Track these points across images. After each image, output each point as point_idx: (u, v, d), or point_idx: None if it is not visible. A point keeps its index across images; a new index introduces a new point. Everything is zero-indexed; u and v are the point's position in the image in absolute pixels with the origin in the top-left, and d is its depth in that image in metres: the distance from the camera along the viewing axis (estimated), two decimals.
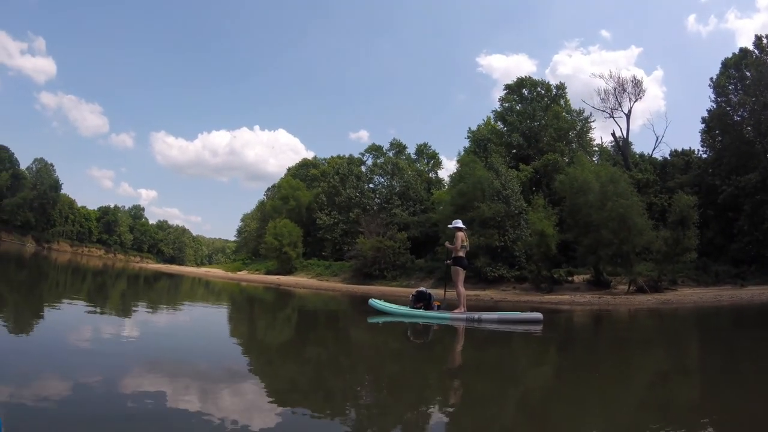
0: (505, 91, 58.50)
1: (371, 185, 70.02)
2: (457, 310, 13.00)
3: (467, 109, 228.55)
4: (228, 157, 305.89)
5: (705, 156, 47.38)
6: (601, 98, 55.93)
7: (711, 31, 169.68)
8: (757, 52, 42.49)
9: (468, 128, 59.30)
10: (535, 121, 54.40)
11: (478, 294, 31.82)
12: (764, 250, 35.55)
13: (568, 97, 58.26)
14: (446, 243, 14.58)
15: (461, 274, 13.67)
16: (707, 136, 46.24)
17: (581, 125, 54.95)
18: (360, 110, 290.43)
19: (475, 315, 12.70)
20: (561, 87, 58.04)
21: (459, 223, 14.40)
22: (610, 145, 56.96)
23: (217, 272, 74.42)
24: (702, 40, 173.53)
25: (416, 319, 12.99)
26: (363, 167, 73.40)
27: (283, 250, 62.85)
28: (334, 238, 65.44)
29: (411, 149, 75.98)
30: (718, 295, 28.73)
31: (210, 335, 9.21)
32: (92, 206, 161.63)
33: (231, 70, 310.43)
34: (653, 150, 55.71)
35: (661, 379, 6.48)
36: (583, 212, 33.49)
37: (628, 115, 55.51)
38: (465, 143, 58.15)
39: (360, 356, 7.74)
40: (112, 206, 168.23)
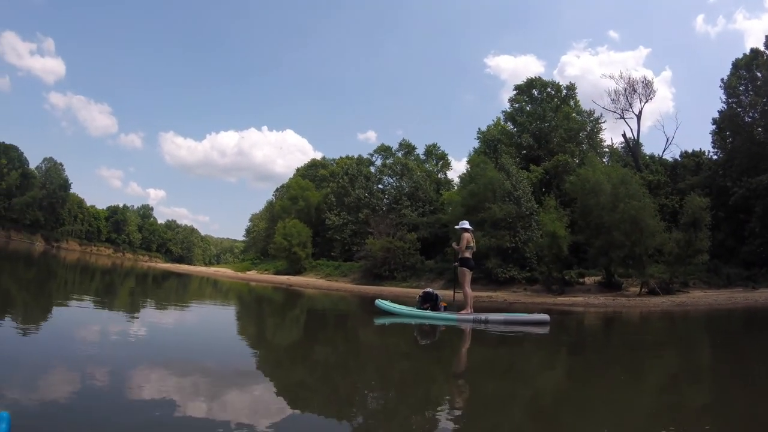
0: (515, 92, 58.36)
1: (380, 186, 69.99)
2: (463, 311, 13.04)
3: (475, 110, 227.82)
4: (236, 158, 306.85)
5: (716, 157, 47.08)
6: (611, 99, 55.84)
7: (719, 32, 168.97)
8: None
9: (477, 129, 59.26)
10: (545, 122, 54.16)
11: (491, 295, 31.82)
12: None
13: (578, 98, 58.14)
14: (453, 243, 14.58)
15: (468, 275, 13.69)
16: (718, 138, 45.99)
17: (592, 126, 54.83)
18: (368, 111, 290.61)
19: (482, 316, 12.75)
20: (571, 88, 57.85)
21: (466, 224, 14.40)
22: (621, 146, 56.82)
23: (227, 272, 74.50)
24: (710, 40, 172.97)
25: (423, 320, 13.01)
26: (372, 168, 73.31)
27: (292, 250, 62.82)
28: (343, 239, 65.33)
29: (420, 150, 75.87)
30: (731, 297, 28.62)
31: (220, 335, 9.37)
32: (101, 206, 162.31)
33: (239, 71, 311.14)
34: (663, 151, 55.60)
35: (682, 383, 6.49)
36: (594, 214, 33.34)
37: (638, 116, 55.37)
38: (473, 144, 58.30)
39: (367, 357, 7.80)
40: (121, 206, 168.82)
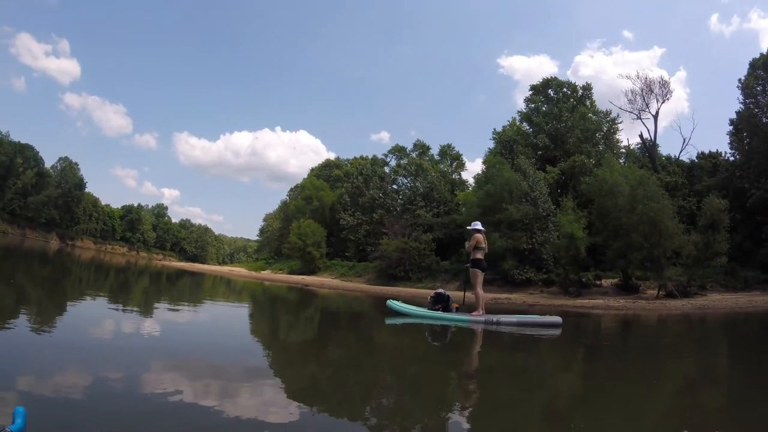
0: (530, 92, 58.14)
1: (395, 186, 70.02)
2: (475, 313, 12.98)
3: (488, 111, 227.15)
4: (250, 158, 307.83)
5: (733, 159, 46.70)
6: (628, 99, 55.30)
7: (734, 31, 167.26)
8: None
9: (492, 129, 59.12)
10: (561, 122, 53.86)
11: (509, 297, 31.67)
12: None
13: (593, 98, 57.83)
14: (466, 243, 14.46)
15: (480, 276, 13.61)
16: (735, 138, 45.63)
17: (608, 127, 54.47)
18: (381, 112, 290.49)
19: (494, 318, 12.74)
20: (587, 88, 57.50)
21: (478, 225, 14.30)
22: (637, 147, 56.43)
23: (241, 271, 74.71)
24: (725, 40, 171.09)
25: (434, 320, 12.96)
26: (386, 168, 73.34)
27: (306, 250, 63.06)
28: (357, 239, 65.46)
29: (434, 150, 75.64)
30: (751, 300, 28.40)
31: (235, 333, 9.48)
32: (116, 205, 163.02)
33: (253, 71, 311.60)
34: (680, 152, 55.03)
35: (707, 387, 6.39)
36: (612, 215, 33.10)
37: (655, 117, 54.76)
38: (485, 144, 58.26)
39: (377, 358, 7.77)
40: (135, 205, 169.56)
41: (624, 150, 55.30)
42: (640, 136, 54.95)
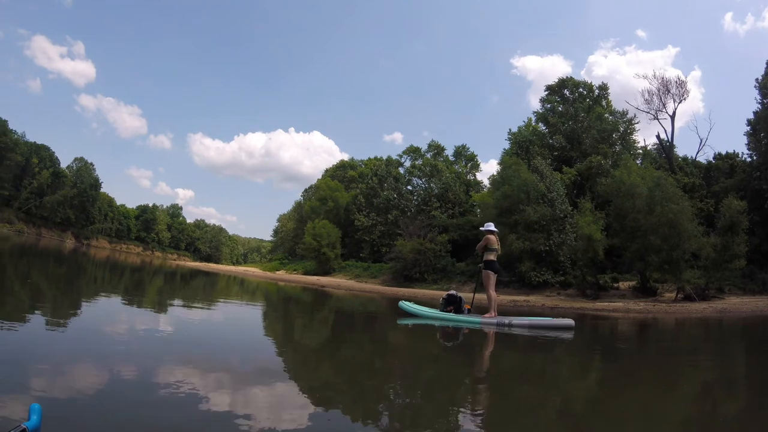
0: (546, 92, 57.61)
1: (409, 187, 69.94)
2: (487, 315, 12.99)
3: (501, 112, 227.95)
4: (264, 159, 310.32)
5: (750, 159, 46.14)
6: (644, 99, 54.80)
7: (748, 30, 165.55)
8: None
9: (508, 130, 58.86)
10: (577, 123, 53.43)
11: (528, 299, 31.48)
12: None
13: (610, 98, 57.39)
14: (478, 245, 14.45)
15: (492, 278, 13.64)
16: (753, 139, 44.98)
17: (625, 127, 54.00)
18: (394, 112, 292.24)
19: (506, 320, 12.71)
20: (603, 88, 57.00)
21: (491, 226, 14.40)
22: (653, 148, 56.04)
23: (256, 271, 74.92)
24: (739, 39, 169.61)
25: (446, 322, 13.02)
26: (401, 169, 73.15)
27: (321, 251, 63.13)
28: (372, 240, 65.45)
29: (449, 151, 75.56)
30: None
31: (251, 333, 9.56)
32: (131, 205, 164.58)
33: (266, 73, 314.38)
34: (697, 153, 54.42)
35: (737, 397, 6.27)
36: (630, 217, 32.72)
37: (672, 117, 54.21)
38: (499, 145, 58.21)
39: (389, 359, 7.76)
40: (150, 205, 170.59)
41: (641, 151, 54.85)
42: (657, 136, 54.66)
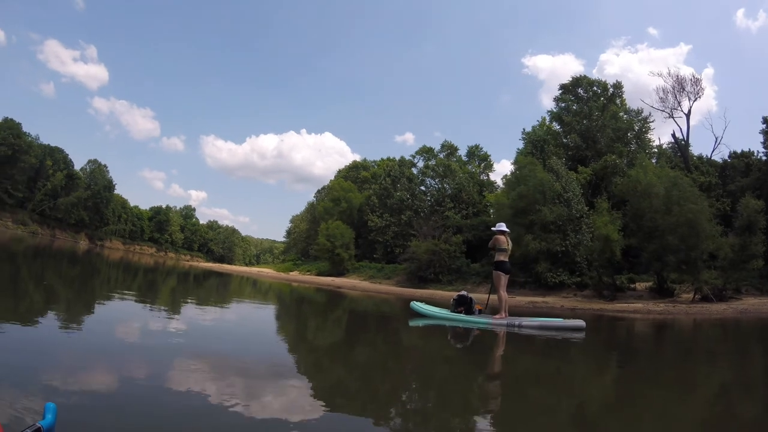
0: (560, 91, 57.11)
1: (422, 188, 69.85)
2: (498, 316, 13.00)
3: (513, 111, 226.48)
4: (276, 160, 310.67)
5: (766, 158, 45.66)
6: (659, 97, 54.45)
7: (760, 26, 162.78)
8: None
9: (522, 129, 58.60)
10: (591, 122, 53.00)
11: (546, 301, 31.27)
12: None
13: (624, 97, 56.90)
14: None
15: (502, 278, 13.66)
16: None
17: (640, 126, 53.52)
18: (405, 113, 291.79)
19: (516, 321, 12.70)
20: (617, 86, 56.15)
21: (502, 227, 14.30)
22: (668, 147, 55.63)
23: (270, 272, 75.25)
24: (752, 35, 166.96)
25: (457, 323, 13.07)
26: (414, 169, 73.02)
27: (335, 252, 63.15)
28: (385, 241, 65.39)
29: (462, 151, 75.16)
30: None
31: (266, 335, 9.57)
32: (144, 206, 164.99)
33: (277, 75, 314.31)
34: (712, 151, 53.86)
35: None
36: (647, 217, 32.43)
37: (687, 115, 53.73)
38: (511, 145, 57.99)
39: (400, 359, 7.78)
40: (163, 206, 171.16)
41: (656, 150, 54.38)
42: (673, 135, 54.22)
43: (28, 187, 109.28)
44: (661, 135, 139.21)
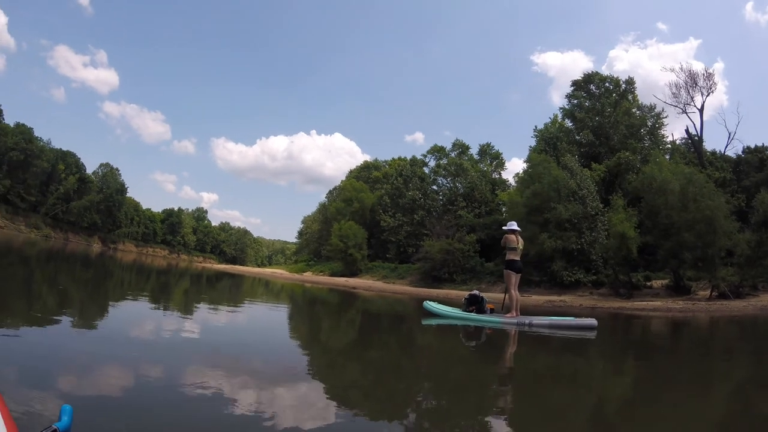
0: (572, 88, 56.66)
1: (434, 187, 69.84)
2: (508, 314, 13.14)
3: (523, 109, 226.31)
4: (286, 162, 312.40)
5: None
6: (672, 93, 53.93)
7: None
8: None
9: (534, 127, 58.45)
10: (604, 118, 52.66)
11: (564, 300, 31.09)
12: None
13: (636, 93, 56.54)
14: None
15: (513, 277, 13.81)
16: None
17: (653, 122, 53.22)
18: (414, 112, 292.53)
19: (526, 320, 12.85)
20: (630, 82, 55.86)
21: (513, 225, 14.44)
22: (681, 142, 55.26)
23: (283, 273, 75.56)
24: (762, 29, 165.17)
25: (468, 322, 13.21)
26: (425, 169, 73.06)
27: (348, 252, 63.27)
28: (398, 240, 65.37)
29: (474, 150, 75.00)
30: None
31: (282, 336, 9.73)
32: (157, 209, 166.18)
33: (286, 76, 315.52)
34: (726, 147, 53.38)
35: None
36: (662, 214, 32.06)
37: (701, 110, 53.14)
38: (522, 143, 57.66)
39: (413, 359, 7.86)
40: (175, 209, 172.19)
41: (669, 146, 54.05)
42: (687, 131, 53.61)
43: (41, 191, 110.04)
44: (673, 131, 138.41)
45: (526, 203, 40.24)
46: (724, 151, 52.70)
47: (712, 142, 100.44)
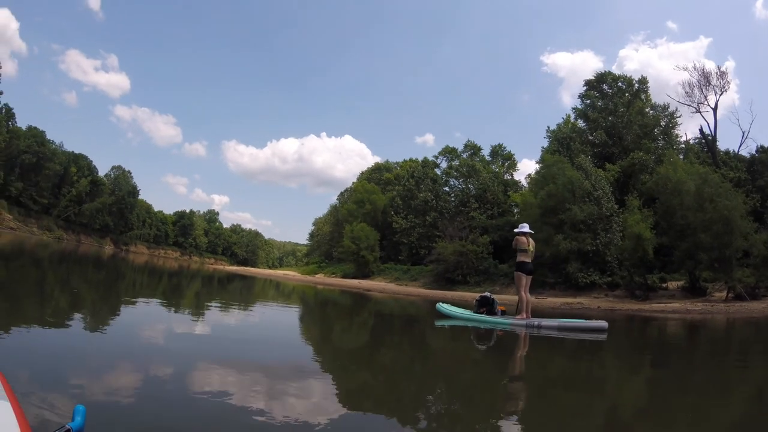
0: (584, 87, 56.45)
1: (446, 188, 69.66)
2: (519, 316, 13.21)
3: (533, 110, 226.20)
4: (297, 164, 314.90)
5: None
6: (685, 92, 53.53)
7: None
8: None
9: (546, 127, 58.32)
10: (617, 118, 52.39)
11: (580, 302, 30.80)
12: None
13: (649, 92, 56.13)
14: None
15: (523, 279, 13.82)
16: None
17: (667, 121, 52.87)
18: (425, 114, 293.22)
19: (535, 322, 12.76)
20: (643, 81, 55.47)
21: (525, 228, 14.48)
22: (695, 142, 54.87)
23: (295, 275, 75.72)
24: None
25: (479, 323, 13.38)
26: (437, 170, 72.77)
27: (360, 254, 63.28)
28: (410, 242, 65.24)
29: (485, 151, 74.65)
30: None
31: (295, 337, 9.68)
32: (168, 211, 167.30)
33: (296, 79, 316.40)
34: (740, 146, 52.79)
35: None
36: (678, 214, 31.78)
37: (714, 110, 52.67)
38: (532, 144, 57.54)
39: (424, 359, 7.88)
40: (187, 211, 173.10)
41: (683, 146, 53.64)
42: (701, 130, 53.03)
43: (53, 193, 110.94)
44: (686, 130, 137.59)
45: (541, 204, 40.00)
46: (738, 151, 52.24)
47: (725, 142, 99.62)
